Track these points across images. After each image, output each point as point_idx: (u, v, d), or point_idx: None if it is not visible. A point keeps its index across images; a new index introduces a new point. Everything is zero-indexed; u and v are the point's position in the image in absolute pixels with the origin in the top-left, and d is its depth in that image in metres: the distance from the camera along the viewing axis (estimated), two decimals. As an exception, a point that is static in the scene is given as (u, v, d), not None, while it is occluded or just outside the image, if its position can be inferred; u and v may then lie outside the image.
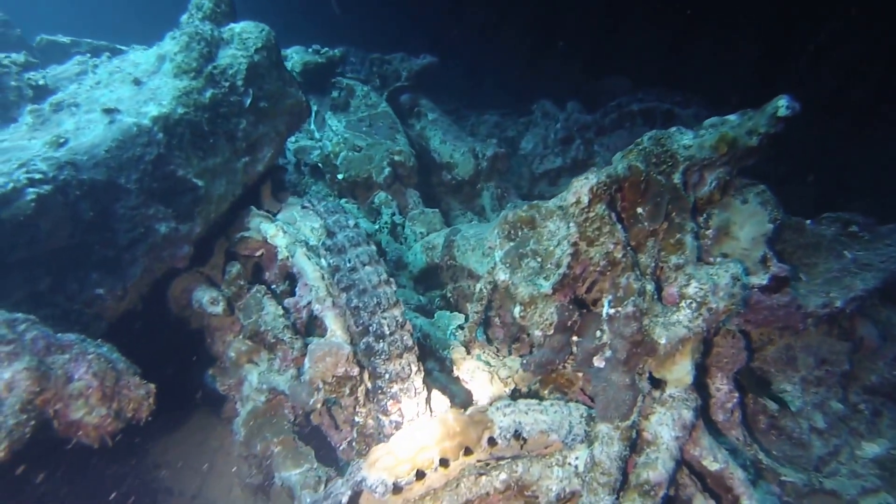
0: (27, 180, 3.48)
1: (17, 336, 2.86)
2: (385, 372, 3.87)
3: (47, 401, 2.88)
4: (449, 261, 6.18)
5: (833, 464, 4.48)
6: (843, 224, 4.50)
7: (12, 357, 2.78)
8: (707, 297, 3.16)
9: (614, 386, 3.19)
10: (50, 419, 2.92)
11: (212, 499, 5.50)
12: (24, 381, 2.75)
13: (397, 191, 8.08)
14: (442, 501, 3.17)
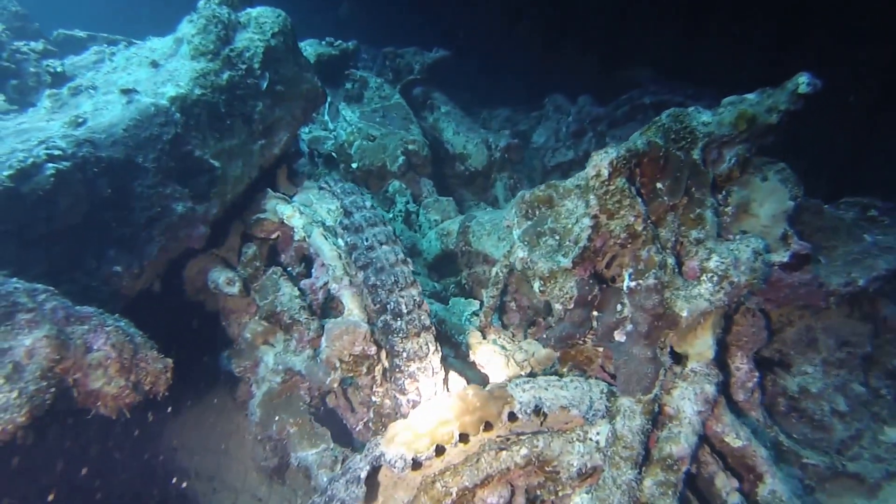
0: (46, 156, 3.49)
1: (37, 305, 2.87)
2: (403, 350, 3.86)
3: (67, 369, 2.88)
4: (464, 246, 6.16)
5: (855, 448, 4.43)
6: (862, 208, 4.45)
7: (32, 325, 2.79)
8: (728, 271, 3.13)
9: (636, 359, 3.16)
10: (70, 387, 2.93)
11: (229, 481, 5.51)
12: (44, 349, 2.75)
13: (411, 179, 8.09)
14: (461, 476, 3.15)
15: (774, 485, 3.29)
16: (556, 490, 3.36)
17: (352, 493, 3.10)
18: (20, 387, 2.64)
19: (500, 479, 3.23)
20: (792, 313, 4.31)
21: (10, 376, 2.62)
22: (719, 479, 3.46)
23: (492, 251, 5.84)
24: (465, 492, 3.14)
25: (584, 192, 3.62)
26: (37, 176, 3.42)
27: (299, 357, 4.42)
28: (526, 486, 3.33)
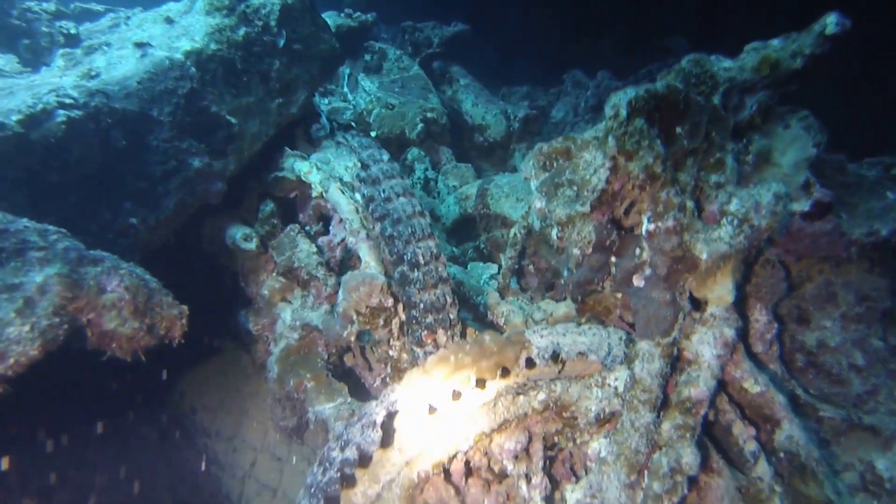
0: (56, 103, 3.49)
1: (48, 244, 2.88)
2: (420, 301, 3.86)
3: (80, 309, 2.90)
4: (482, 209, 6.15)
5: (871, 403, 4.38)
6: (885, 167, 4.36)
7: (44, 262, 2.80)
8: (749, 214, 3.07)
9: (654, 303, 3.13)
10: (83, 327, 2.94)
11: (248, 440, 5.58)
12: (56, 286, 2.76)
13: (430, 147, 8.06)
14: (479, 420, 3.15)
15: (792, 430, 3.27)
16: (573, 437, 3.35)
17: (367, 437, 3.11)
18: (32, 321, 2.65)
19: (517, 425, 3.22)
20: (811, 268, 4.25)
21: (22, 311, 2.64)
22: (737, 427, 3.44)
23: (510, 213, 5.82)
24: (481, 437, 3.14)
25: (601, 144, 3.57)
26: (47, 122, 3.42)
27: (316, 312, 4.43)
28: (543, 433, 3.32)
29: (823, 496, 3.21)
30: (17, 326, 2.60)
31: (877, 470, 4.08)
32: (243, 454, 5.57)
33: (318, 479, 3.14)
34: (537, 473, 3.28)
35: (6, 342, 2.55)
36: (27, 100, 3.43)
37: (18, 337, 2.59)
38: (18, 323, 2.61)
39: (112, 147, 3.77)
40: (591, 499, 3.07)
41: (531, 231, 5.06)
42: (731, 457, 3.51)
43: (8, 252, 2.73)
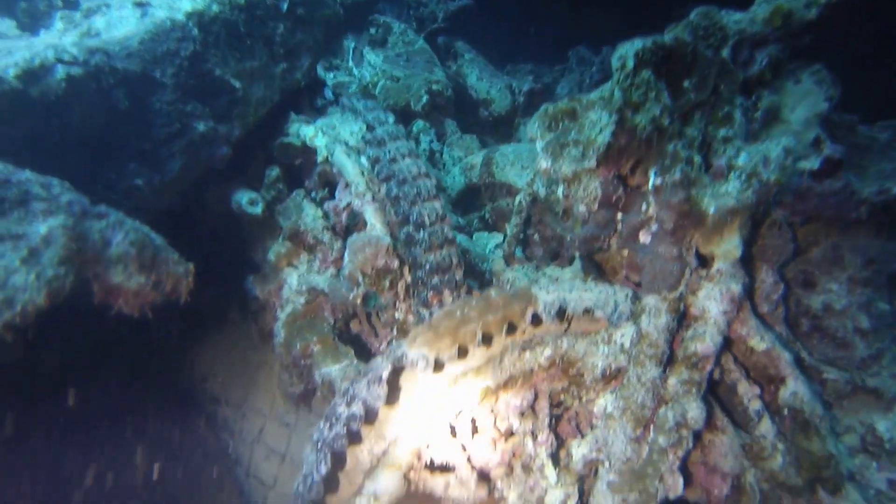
0: (55, 59, 3.46)
1: (51, 196, 2.88)
2: (425, 262, 3.85)
3: (86, 261, 2.89)
4: (488, 178, 6.12)
5: (875, 367, 4.38)
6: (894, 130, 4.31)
7: (47, 214, 2.79)
8: (758, 168, 3.05)
9: (661, 258, 3.12)
10: (89, 280, 2.94)
11: (257, 407, 5.62)
12: (61, 238, 2.75)
13: (435, 120, 8.01)
14: (484, 376, 3.15)
15: (797, 387, 3.26)
16: (579, 395, 3.36)
17: (373, 392, 3.12)
18: (38, 270, 2.65)
19: (523, 381, 3.22)
20: (819, 231, 4.23)
21: (27, 260, 2.63)
22: (741, 386, 3.44)
23: (515, 181, 5.80)
24: (487, 392, 3.15)
25: (607, 103, 3.54)
26: (46, 79, 3.39)
27: (322, 276, 4.43)
28: (549, 390, 3.33)
29: (825, 451, 3.22)
30: (23, 275, 2.59)
31: (877, 432, 4.09)
32: (252, 421, 5.62)
33: (325, 435, 3.16)
34: (543, 430, 3.29)
35: (12, 290, 2.55)
36: (25, 55, 3.40)
37: (24, 285, 2.58)
38: (24, 272, 2.60)
39: (114, 107, 3.75)
40: (597, 453, 3.08)
41: (536, 198, 5.03)
42: (736, 417, 3.52)
43: (10, 202, 2.72)
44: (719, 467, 3.37)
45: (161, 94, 4.04)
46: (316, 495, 3.13)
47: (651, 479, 2.97)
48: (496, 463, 3.38)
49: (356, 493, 3.15)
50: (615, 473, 2.99)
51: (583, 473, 3.13)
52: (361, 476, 3.26)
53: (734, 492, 3.42)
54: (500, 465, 3.38)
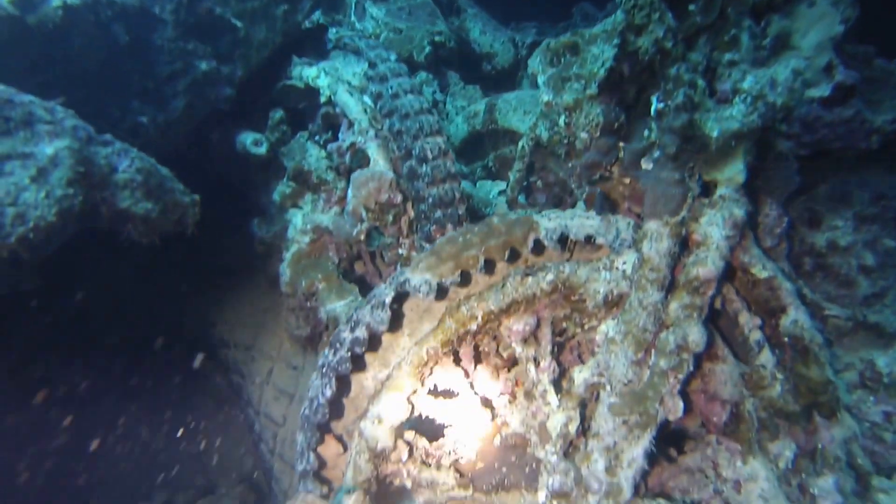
0: (48, -15, 3.44)
1: (55, 120, 2.89)
2: (428, 196, 3.86)
3: (93, 186, 2.92)
4: (491, 125, 6.11)
5: (878, 305, 4.39)
6: (917, 63, 4.19)
7: (53, 136, 2.81)
8: (764, 91, 3.03)
9: (663, 182, 3.11)
10: (98, 204, 2.97)
11: (265, 350, 5.70)
12: (67, 159, 2.78)
13: (438, 72, 7.96)
14: (487, 301, 3.17)
15: (797, 315, 3.28)
16: (582, 322, 3.38)
17: (377, 317, 3.15)
18: (47, 189, 2.68)
19: (525, 307, 3.25)
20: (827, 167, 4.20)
21: (37, 178, 2.66)
22: (743, 317, 3.46)
23: (518, 126, 5.78)
24: (490, 316, 3.17)
25: (609, 36, 3.52)
26: (43, 6, 3.37)
27: (327, 215, 4.45)
28: (552, 317, 3.35)
29: (824, 377, 3.24)
30: (33, 193, 2.63)
31: (877, 367, 4.12)
32: (261, 363, 5.71)
33: (330, 360, 3.20)
34: (546, 357, 3.32)
35: (24, 206, 2.58)
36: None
37: (35, 202, 2.62)
38: (34, 189, 2.64)
39: (115, 42, 3.74)
40: (599, 377, 3.12)
41: (539, 143, 5.00)
42: (736, 347, 3.54)
43: (15, 122, 2.73)
44: (719, 395, 3.41)
45: (162, 31, 4.03)
46: (322, 418, 3.19)
47: (651, 401, 3.01)
48: (499, 391, 3.43)
49: (361, 418, 3.21)
50: (616, 396, 3.03)
51: (584, 397, 3.17)
52: (366, 403, 3.32)
53: (733, 419, 3.46)
54: (504, 394, 3.43)
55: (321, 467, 3.34)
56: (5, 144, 2.64)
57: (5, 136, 2.67)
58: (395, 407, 3.11)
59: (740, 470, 3.42)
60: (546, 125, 4.68)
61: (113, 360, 5.80)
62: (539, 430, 3.25)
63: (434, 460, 3.33)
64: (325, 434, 3.32)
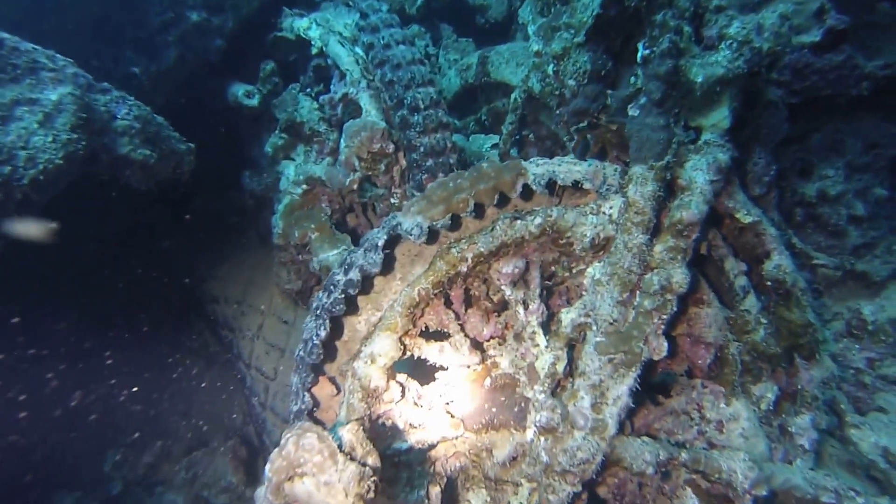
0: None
1: (57, 67, 2.94)
2: (419, 145, 3.90)
3: (94, 132, 2.96)
4: (483, 78, 6.12)
5: (868, 256, 4.47)
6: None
7: (56, 83, 2.86)
8: (750, 36, 3.06)
9: (648, 128, 3.16)
10: (99, 150, 3.02)
11: (256, 305, 5.78)
12: (70, 105, 2.83)
13: (431, 25, 7.93)
14: (477, 243, 3.23)
15: (781, 259, 3.35)
16: (570, 266, 3.46)
17: (370, 259, 3.21)
18: (54, 133, 2.74)
19: (515, 250, 3.31)
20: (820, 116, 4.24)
21: (43, 122, 2.72)
22: (728, 263, 3.53)
23: (510, 78, 5.80)
24: (480, 258, 3.24)
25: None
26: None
27: (320, 166, 4.49)
28: (540, 261, 3.42)
29: (804, 319, 3.33)
30: (41, 137, 2.70)
31: (863, 315, 4.22)
32: (252, 318, 5.79)
33: (324, 302, 3.27)
34: (535, 300, 3.40)
35: (34, 150, 2.66)
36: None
37: (44, 146, 2.69)
38: (42, 133, 2.70)
39: (106, -7, 3.74)
40: (585, 317, 3.19)
41: (532, 95, 5.02)
42: (722, 293, 3.62)
43: (21, 69, 2.80)
44: (703, 338, 3.50)
45: (153, -19, 4.02)
46: (316, 358, 3.27)
47: (636, 340, 3.09)
48: (489, 334, 3.51)
49: (354, 358, 3.29)
50: (602, 335, 3.11)
51: (572, 337, 3.25)
52: (359, 346, 3.40)
53: (717, 363, 3.57)
54: (494, 336, 3.52)
55: (315, 408, 3.43)
56: (14, 90, 2.71)
57: (14, 82, 2.74)
58: (387, 347, 3.19)
59: (723, 411, 3.52)
60: (538, 77, 4.70)
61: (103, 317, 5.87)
62: (528, 371, 3.34)
63: (426, 402, 3.42)
64: (320, 375, 3.41)
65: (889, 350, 3.98)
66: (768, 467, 3.20)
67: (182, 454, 5.92)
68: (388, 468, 3.45)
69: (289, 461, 2.46)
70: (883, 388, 3.77)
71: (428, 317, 3.36)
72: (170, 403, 6.00)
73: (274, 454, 2.50)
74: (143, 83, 4.03)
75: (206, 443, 5.98)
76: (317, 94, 4.95)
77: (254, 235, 6.03)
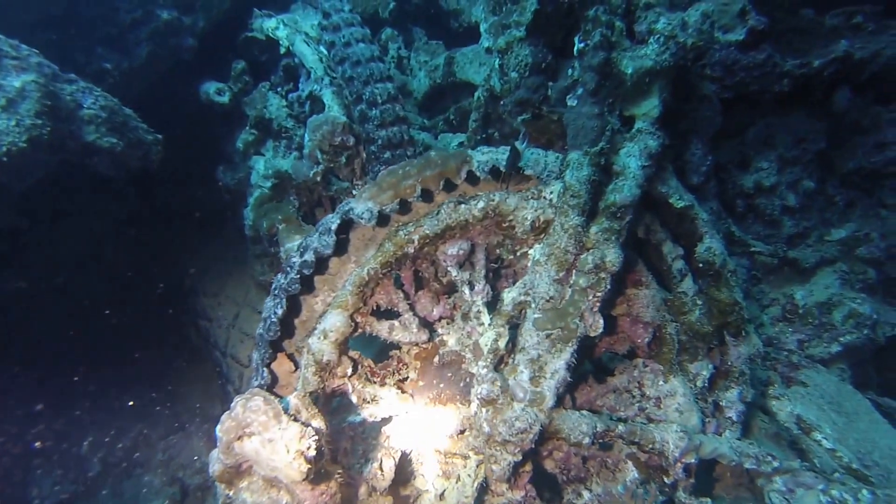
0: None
1: (21, 56, 3.10)
2: (378, 138, 4.11)
3: (60, 119, 3.14)
4: (450, 78, 6.34)
5: (801, 245, 4.71)
6: (847, 16, 4.39)
7: (20, 70, 3.02)
8: (675, 32, 3.28)
9: (584, 116, 3.37)
10: (65, 138, 3.20)
11: (232, 297, 5.97)
12: (34, 92, 3.00)
13: (404, 28, 8.12)
14: (423, 227, 3.44)
15: (711, 242, 3.55)
16: (514, 248, 3.66)
17: (323, 242, 3.41)
18: (17, 118, 2.91)
19: (460, 233, 3.52)
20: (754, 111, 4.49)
21: (6, 108, 2.89)
22: (666, 247, 3.74)
23: (474, 78, 6.02)
24: (426, 240, 3.44)
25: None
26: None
27: (287, 160, 4.69)
28: (486, 244, 3.63)
29: (731, 298, 3.54)
30: (4, 120, 2.86)
31: (795, 300, 4.47)
32: (228, 308, 5.98)
33: (281, 282, 3.47)
34: (480, 281, 3.61)
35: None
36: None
37: (7, 129, 2.85)
38: (5, 118, 2.86)
39: (76, -12, 3.91)
40: (525, 295, 3.40)
41: (493, 93, 5.24)
42: (662, 276, 3.83)
43: (-18, 57, 2.95)
44: (641, 317, 3.71)
45: (123, -21, 4.21)
46: (274, 335, 3.46)
47: (572, 316, 3.28)
48: (438, 314, 3.71)
49: (309, 335, 3.49)
50: (540, 312, 3.30)
51: (513, 315, 3.45)
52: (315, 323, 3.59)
53: (656, 342, 3.77)
54: (443, 317, 3.72)
55: (274, 383, 3.62)
56: (-25, 76, 2.86)
57: (-25, 68, 2.88)
58: (338, 323, 3.38)
59: (662, 388, 3.73)
60: (499, 75, 4.93)
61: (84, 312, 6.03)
62: (473, 348, 3.54)
63: (378, 378, 3.62)
64: (278, 352, 3.60)
65: (815, 331, 4.22)
66: (697, 437, 3.40)
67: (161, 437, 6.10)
68: (344, 441, 3.65)
69: (237, 422, 2.65)
70: (808, 366, 4.00)
71: (378, 296, 3.55)
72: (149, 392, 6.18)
73: (224, 416, 2.70)
74: (115, 78, 4.22)
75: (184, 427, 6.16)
76: (287, 93, 5.16)
77: (232, 229, 6.22)
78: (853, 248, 4.42)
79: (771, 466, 3.25)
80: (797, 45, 4.29)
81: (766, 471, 3.37)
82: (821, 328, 4.22)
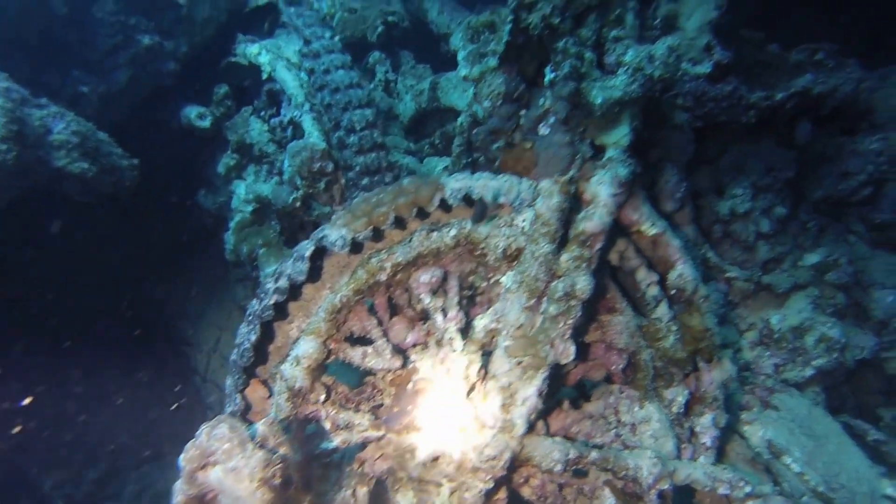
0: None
1: (-14, 81, 3.13)
2: (356, 164, 4.15)
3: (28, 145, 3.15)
4: (434, 103, 6.41)
5: (777, 270, 4.77)
6: (810, 52, 4.57)
7: (-15, 95, 3.05)
8: (643, 64, 3.34)
9: (555, 144, 3.43)
10: (33, 163, 3.21)
11: (213, 321, 5.97)
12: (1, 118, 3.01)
13: (392, 52, 8.21)
14: (395, 254, 3.47)
15: (684, 269, 3.59)
16: (487, 276, 3.69)
17: (297, 268, 3.43)
18: (-21, 143, 2.92)
19: (433, 260, 3.55)
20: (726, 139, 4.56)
21: (-32, 133, 2.90)
22: (640, 273, 3.77)
23: (457, 103, 6.09)
24: (398, 267, 3.47)
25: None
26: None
27: (268, 184, 4.73)
28: (459, 271, 3.65)
29: (703, 325, 3.57)
30: (-33, 144, 2.87)
31: (771, 324, 4.52)
32: (209, 332, 5.98)
33: (255, 308, 3.49)
34: (453, 308, 3.63)
35: (-44, 157, 2.83)
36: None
37: (-30, 152, 2.85)
38: (-34, 142, 2.87)
39: (52, 13, 3.93)
40: (496, 322, 3.42)
41: (476, 119, 5.30)
42: (636, 302, 3.86)
43: (-56, 79, 2.97)
44: (615, 344, 3.74)
45: (102, 4, 4.24)
46: (247, 361, 3.48)
47: (542, 344, 3.31)
48: (412, 341, 3.73)
49: (282, 361, 3.50)
50: (510, 339, 3.33)
51: (485, 342, 3.47)
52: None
53: (630, 369, 3.80)
54: (417, 344, 3.73)
55: (247, 410, 3.62)
56: (-64, 100, 2.87)
57: (-64, 92, 2.89)
58: (311, 349, 3.39)
59: (637, 414, 3.76)
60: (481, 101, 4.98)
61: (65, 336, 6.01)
62: (446, 375, 3.55)
63: (353, 404, 3.63)
64: (252, 378, 3.60)
65: (790, 356, 4.27)
66: (671, 463, 3.42)
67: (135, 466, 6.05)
68: (318, 468, 3.64)
69: (201, 450, 2.65)
70: (781, 390, 4.04)
71: (352, 323, 3.57)
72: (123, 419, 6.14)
73: (188, 445, 2.69)
74: (93, 103, 4.24)
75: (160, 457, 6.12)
76: (269, 118, 5.21)
77: (213, 253, 6.23)
78: (824, 273, 4.48)
79: (744, 492, 3.26)
80: (765, 78, 4.40)
81: (738, 496, 3.38)
82: (795, 352, 4.28)
